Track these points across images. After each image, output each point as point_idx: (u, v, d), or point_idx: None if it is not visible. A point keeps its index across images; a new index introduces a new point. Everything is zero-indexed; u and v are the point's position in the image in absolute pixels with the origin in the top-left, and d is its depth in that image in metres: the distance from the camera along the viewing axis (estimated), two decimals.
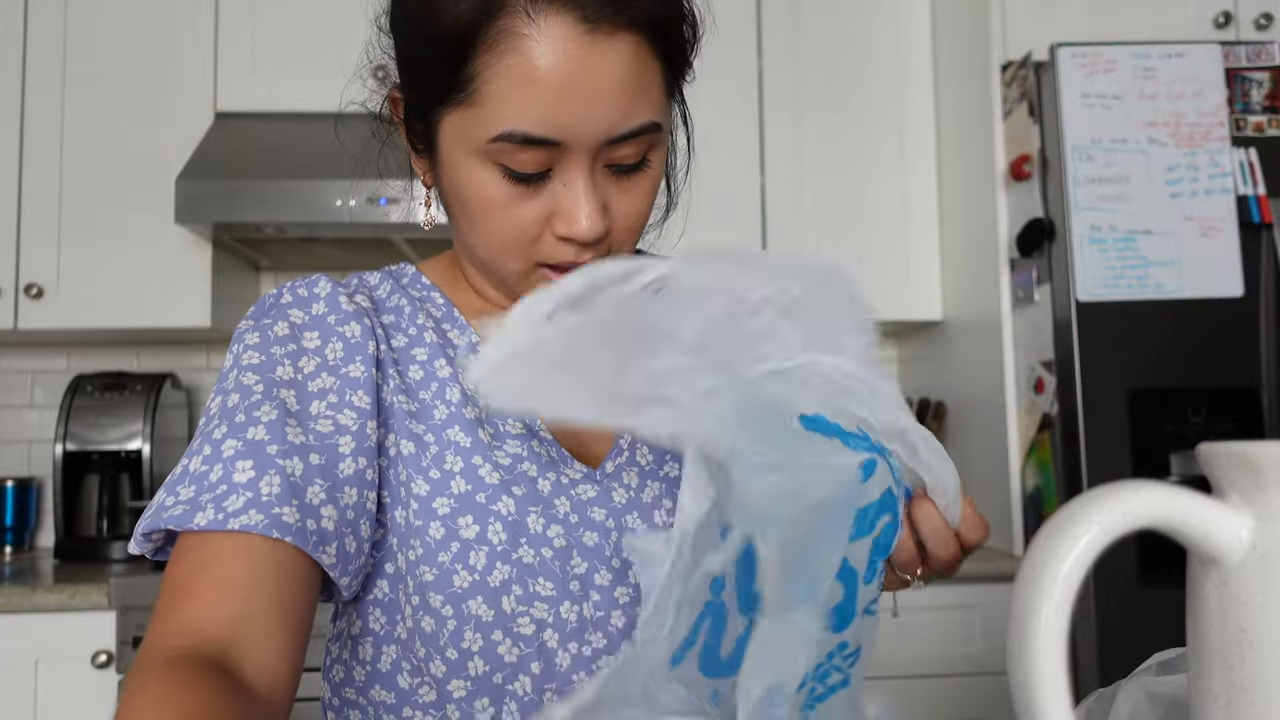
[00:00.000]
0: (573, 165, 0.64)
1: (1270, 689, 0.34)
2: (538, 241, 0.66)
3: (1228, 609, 0.36)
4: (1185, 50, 1.80)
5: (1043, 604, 0.34)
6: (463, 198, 0.67)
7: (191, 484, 0.62)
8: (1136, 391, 1.74)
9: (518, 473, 0.69)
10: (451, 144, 0.65)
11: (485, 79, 0.61)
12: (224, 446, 0.62)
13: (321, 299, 0.71)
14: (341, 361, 0.69)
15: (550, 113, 0.61)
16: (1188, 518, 0.36)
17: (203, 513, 0.60)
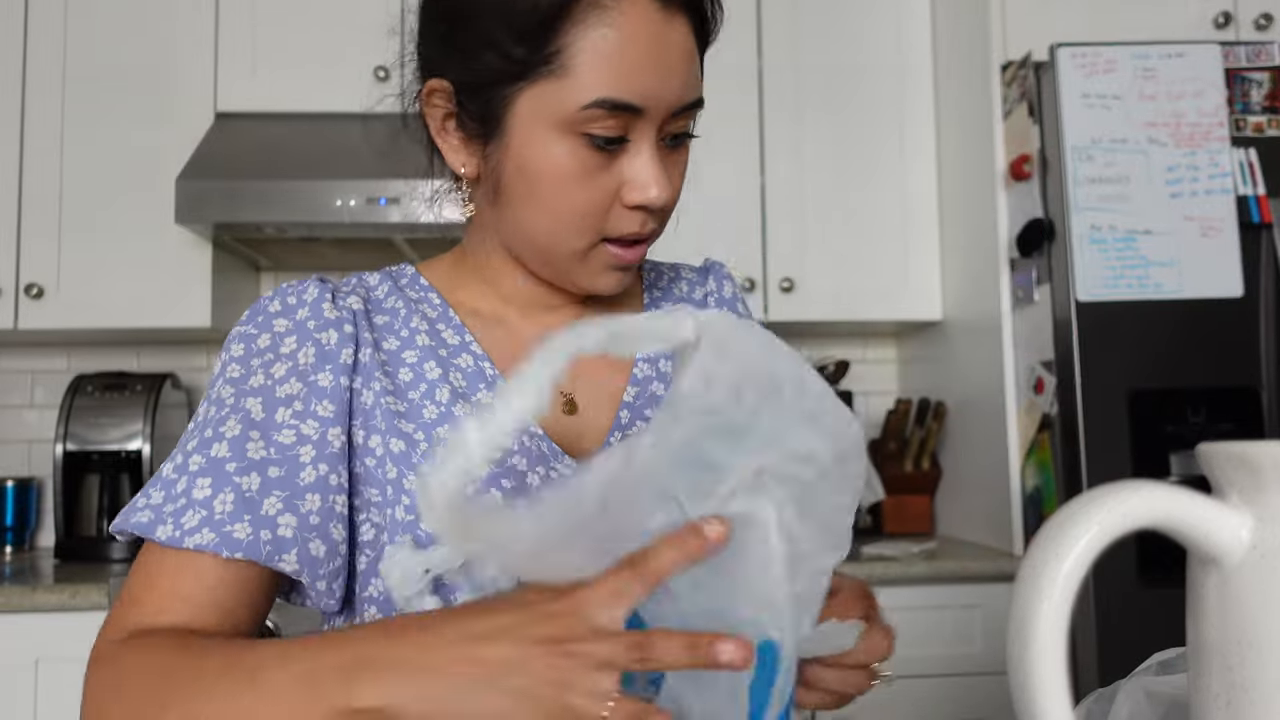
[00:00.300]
0: (643, 135, 0.69)
1: (1270, 689, 0.34)
2: (607, 213, 0.70)
3: (1228, 609, 0.36)
4: (1185, 50, 1.80)
5: (1043, 604, 0.34)
6: (534, 173, 0.69)
7: (161, 489, 0.67)
8: (1136, 391, 1.74)
9: (507, 466, 0.70)
10: (528, 119, 0.68)
11: (574, 51, 0.66)
12: (191, 460, 0.67)
13: (307, 304, 0.74)
14: (312, 368, 0.71)
15: (636, 80, 0.66)
16: (1188, 518, 0.36)
17: (163, 526, 0.65)
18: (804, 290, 2.24)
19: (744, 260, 2.24)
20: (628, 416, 0.78)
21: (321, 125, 2.16)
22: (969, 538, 2.16)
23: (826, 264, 2.26)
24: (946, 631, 1.88)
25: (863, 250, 2.26)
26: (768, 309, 2.24)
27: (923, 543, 2.06)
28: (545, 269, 0.76)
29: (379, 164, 2.04)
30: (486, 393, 0.75)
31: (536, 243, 0.73)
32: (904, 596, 1.86)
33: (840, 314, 2.26)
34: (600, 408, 0.78)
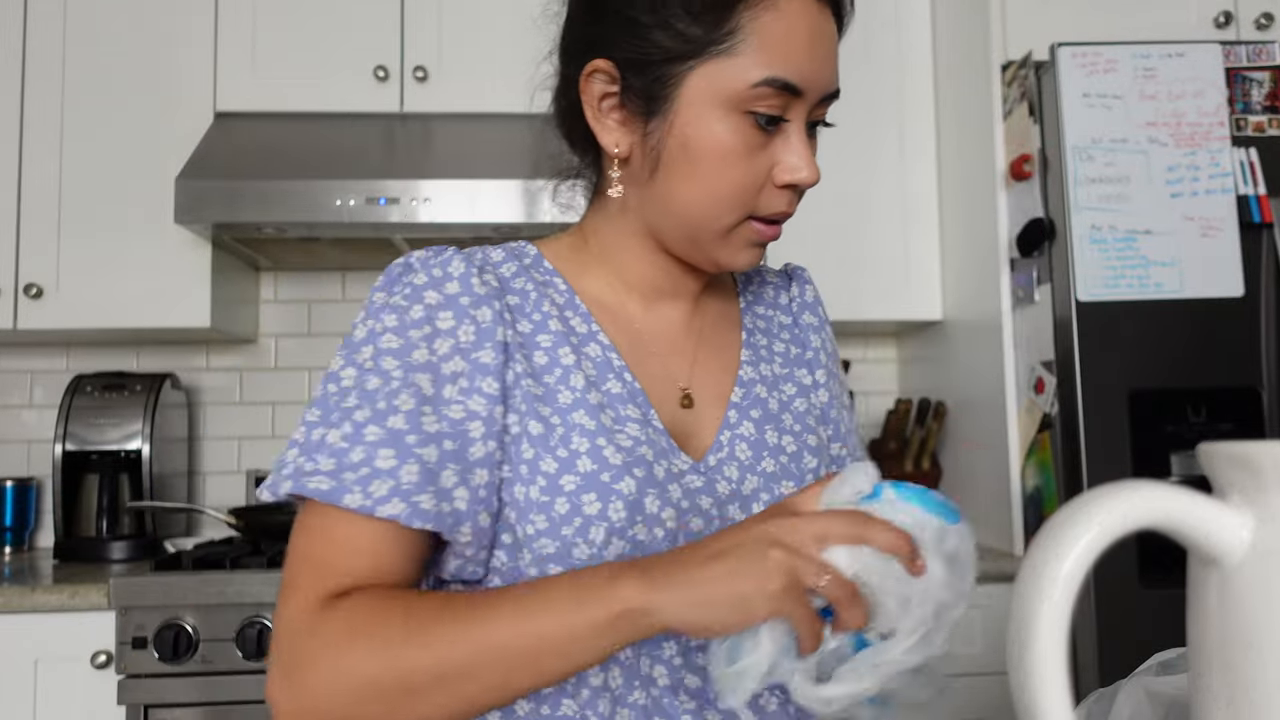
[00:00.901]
0: (797, 117, 0.73)
1: (1270, 689, 0.34)
2: (759, 192, 0.74)
3: (1228, 609, 0.36)
4: (1185, 50, 1.80)
5: (1043, 604, 0.34)
6: (698, 149, 0.72)
7: (331, 457, 0.67)
8: (1136, 391, 1.74)
9: (637, 456, 0.73)
10: (697, 97, 0.72)
11: (748, 32, 0.70)
12: (366, 431, 0.68)
13: (455, 278, 0.74)
14: (473, 346, 0.72)
15: (803, 63, 0.71)
16: (1188, 518, 0.36)
17: (351, 495, 0.66)
18: None
19: None
20: (735, 416, 0.81)
21: (321, 125, 2.16)
22: None
23: (827, 263, 2.25)
24: None
25: (863, 250, 2.26)
26: None
27: None
28: (688, 246, 0.77)
29: (379, 164, 2.04)
30: (615, 382, 0.76)
31: (688, 218, 0.75)
32: None
33: (840, 313, 2.25)
34: (712, 405, 0.81)
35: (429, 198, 1.98)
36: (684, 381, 0.81)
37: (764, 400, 0.82)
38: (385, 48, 2.19)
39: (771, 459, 0.79)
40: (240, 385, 2.47)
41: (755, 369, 0.84)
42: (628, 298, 0.81)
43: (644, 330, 0.81)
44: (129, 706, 1.68)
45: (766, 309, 0.90)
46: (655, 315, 0.82)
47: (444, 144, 2.12)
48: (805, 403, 0.85)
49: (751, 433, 0.80)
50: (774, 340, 0.88)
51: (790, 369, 0.87)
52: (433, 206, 1.98)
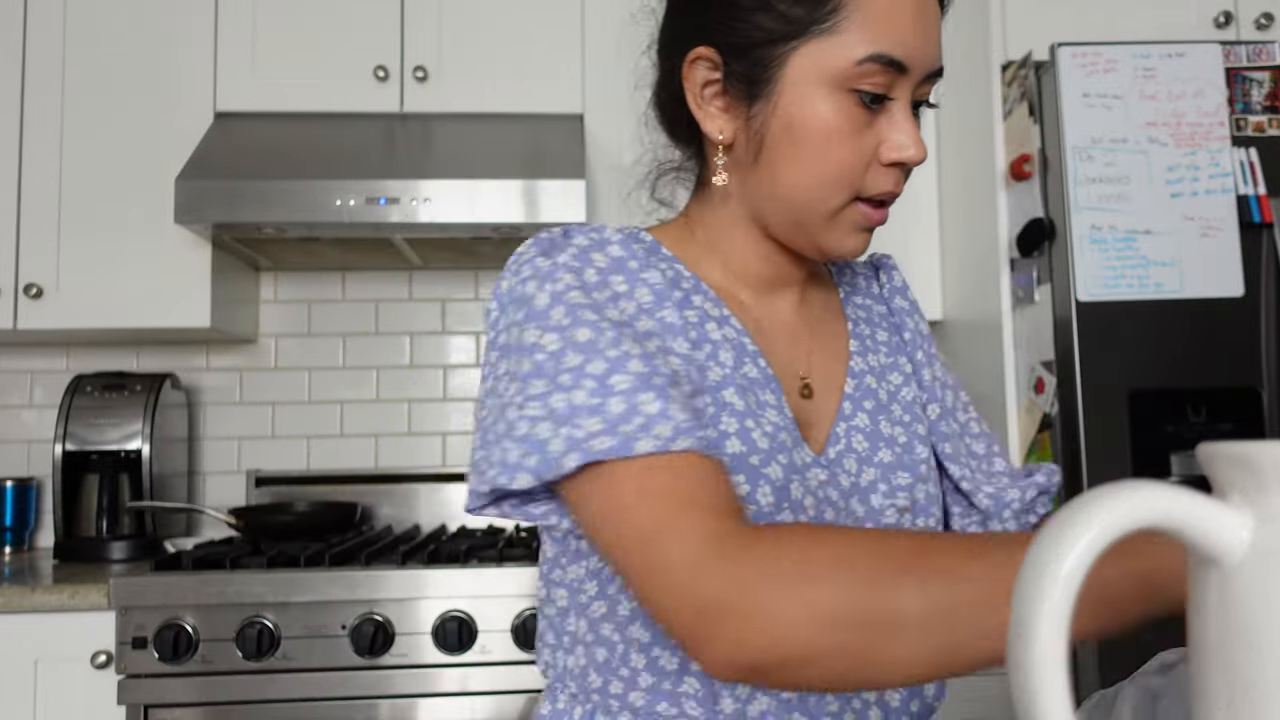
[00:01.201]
0: (903, 95, 0.72)
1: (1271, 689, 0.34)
2: (865, 172, 0.72)
3: (1228, 609, 0.36)
4: (1185, 50, 1.80)
5: (1043, 604, 0.34)
6: (802, 130, 0.71)
7: (593, 415, 0.62)
8: (1136, 391, 1.74)
9: (779, 441, 0.72)
10: (800, 77, 0.71)
11: (851, 9, 0.70)
12: (612, 381, 0.63)
13: (614, 243, 0.73)
14: (654, 306, 0.70)
15: (908, 39, 0.71)
16: (1188, 518, 0.36)
17: (640, 442, 0.60)
18: None
19: None
20: (850, 408, 0.80)
21: (321, 125, 2.16)
22: None
23: None
24: None
25: None
26: None
27: None
28: (794, 232, 0.76)
29: (379, 164, 2.04)
30: (751, 367, 0.75)
31: (794, 202, 0.74)
32: None
33: None
34: (828, 396, 0.80)
35: (429, 198, 1.98)
36: (803, 371, 0.80)
37: (874, 391, 0.82)
38: (385, 48, 2.19)
39: (887, 449, 0.79)
40: (240, 385, 2.47)
41: (864, 359, 0.83)
42: (739, 287, 0.81)
43: (761, 319, 0.80)
44: (129, 706, 1.69)
45: (863, 299, 0.89)
46: (767, 305, 0.81)
47: (444, 144, 2.12)
48: (911, 391, 0.85)
49: (866, 424, 0.80)
50: (876, 330, 0.87)
51: (894, 357, 0.86)
52: (433, 206, 1.98)
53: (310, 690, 1.71)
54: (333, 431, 2.47)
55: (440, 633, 1.72)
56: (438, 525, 2.38)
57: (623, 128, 2.18)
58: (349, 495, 2.37)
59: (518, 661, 1.75)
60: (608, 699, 0.73)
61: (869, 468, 0.77)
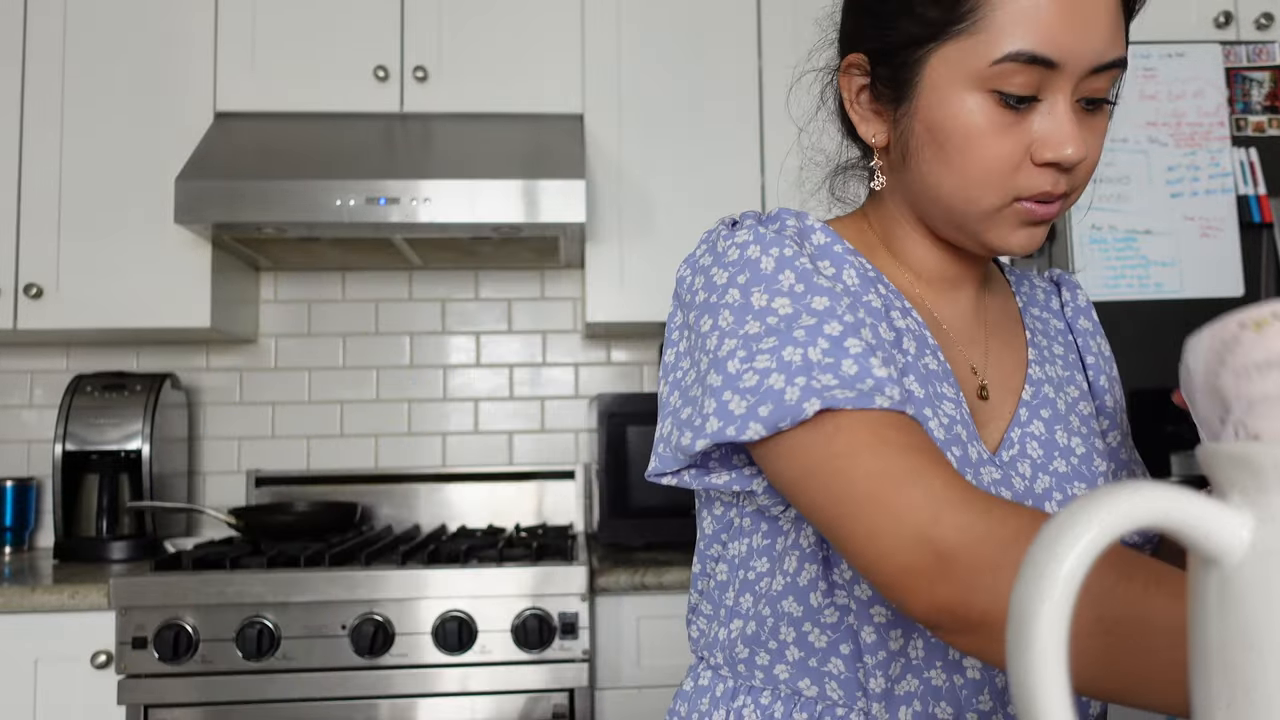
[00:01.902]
0: (1058, 92, 0.69)
1: (1271, 689, 0.34)
2: (1017, 171, 0.70)
3: (1228, 609, 0.36)
4: (1185, 50, 1.80)
5: (1043, 604, 0.34)
6: (945, 131, 0.71)
7: (825, 371, 0.64)
8: (1136, 391, 1.74)
9: (954, 434, 0.71)
10: (942, 78, 0.70)
11: (989, 8, 0.68)
12: (847, 344, 0.65)
13: (818, 229, 0.75)
14: (861, 290, 0.73)
15: (1053, 33, 0.67)
16: (1188, 518, 0.36)
17: (880, 396, 0.63)
18: None
19: None
20: (1026, 414, 0.79)
21: (321, 125, 2.16)
22: None
23: None
24: None
25: None
26: None
27: None
28: (955, 231, 0.76)
29: (379, 164, 2.04)
30: (932, 359, 0.75)
31: (946, 203, 0.73)
32: None
33: None
34: (1005, 400, 0.79)
35: (429, 198, 1.98)
36: (980, 371, 0.79)
37: (1052, 400, 0.81)
38: (385, 48, 2.19)
39: (1063, 459, 0.77)
40: (240, 385, 2.47)
41: (1042, 368, 0.82)
42: (915, 283, 0.80)
43: (939, 316, 0.80)
44: (129, 706, 1.69)
45: (1041, 311, 0.88)
46: (946, 301, 0.81)
47: (444, 144, 2.12)
48: (1090, 407, 0.83)
49: (1042, 432, 0.78)
50: (1053, 343, 0.86)
51: (1071, 372, 0.85)
52: (433, 206, 1.98)
53: (310, 690, 1.71)
54: (333, 431, 2.47)
55: (440, 633, 1.72)
56: (438, 525, 2.38)
57: (623, 127, 2.18)
58: (349, 495, 2.37)
59: (518, 661, 1.75)
60: (753, 670, 0.76)
61: (1044, 474, 0.76)
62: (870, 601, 0.70)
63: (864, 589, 0.70)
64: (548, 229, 2.07)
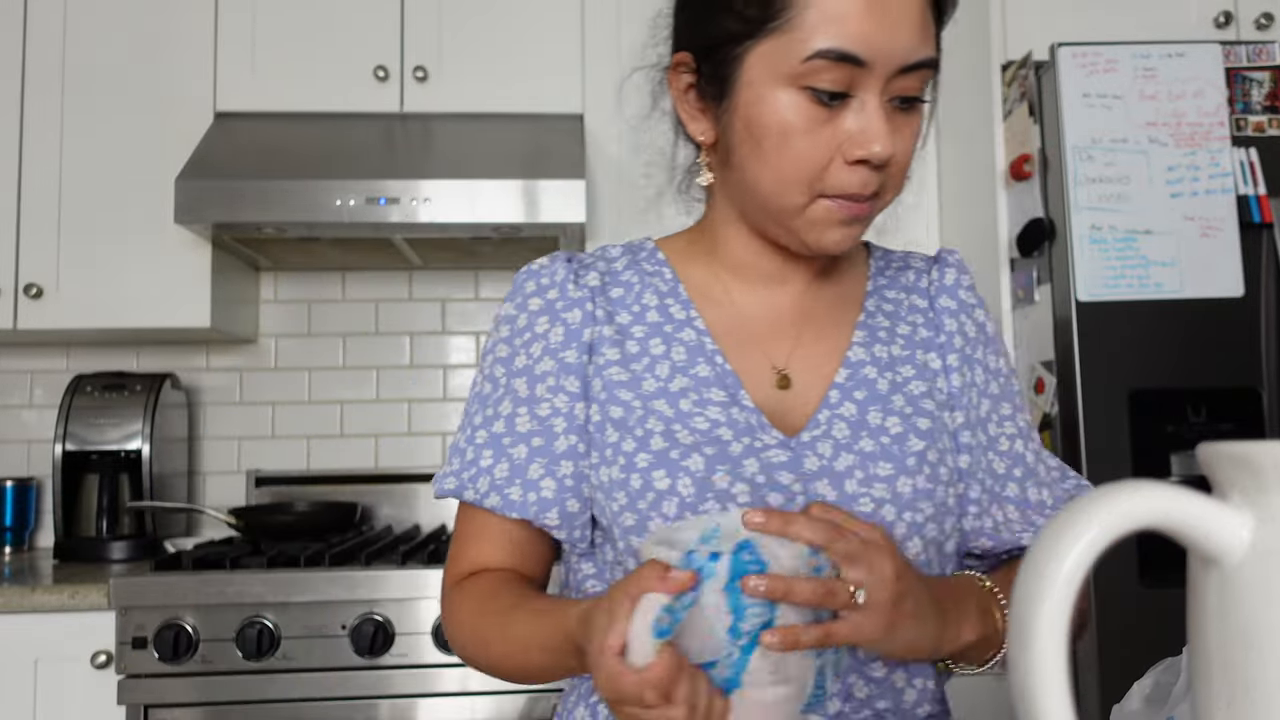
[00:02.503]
0: (868, 90, 0.71)
1: (1271, 689, 0.34)
2: (826, 170, 0.73)
3: (1228, 609, 0.36)
4: (1186, 50, 1.80)
5: (1043, 604, 0.34)
6: (760, 127, 0.73)
7: (457, 458, 0.83)
8: (1136, 391, 1.74)
9: (712, 436, 0.76)
10: (758, 75, 0.73)
11: (801, 6, 0.70)
12: (477, 434, 0.82)
13: (556, 284, 0.83)
14: (561, 346, 0.81)
15: (861, 32, 0.69)
16: (1188, 518, 0.36)
17: (469, 491, 0.81)
18: None
19: None
20: (837, 396, 0.81)
21: (321, 125, 2.16)
22: None
23: None
24: None
25: None
26: None
27: None
28: (773, 227, 0.79)
29: (379, 164, 2.04)
30: (705, 366, 0.80)
31: (761, 199, 0.76)
32: None
33: None
34: (813, 386, 0.82)
35: (429, 198, 1.98)
36: (781, 363, 0.82)
37: (872, 381, 0.82)
38: (385, 48, 2.19)
39: (871, 439, 0.78)
40: (240, 385, 2.47)
41: (868, 350, 0.83)
42: (732, 283, 0.84)
43: (746, 314, 0.83)
44: (129, 706, 1.69)
45: (900, 292, 0.88)
46: (758, 299, 0.84)
47: (444, 144, 2.12)
48: (925, 385, 0.83)
49: (853, 413, 0.80)
50: (899, 323, 0.86)
51: (913, 351, 0.85)
52: (433, 206, 1.98)
53: (310, 690, 1.71)
54: (333, 431, 2.47)
55: (440, 633, 1.72)
56: (438, 525, 2.38)
57: (623, 127, 2.18)
58: (349, 495, 2.37)
59: None
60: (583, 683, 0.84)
61: (847, 454, 0.77)
62: None
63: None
64: (548, 229, 2.07)
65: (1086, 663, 1.72)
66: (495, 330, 0.85)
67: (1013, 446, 0.85)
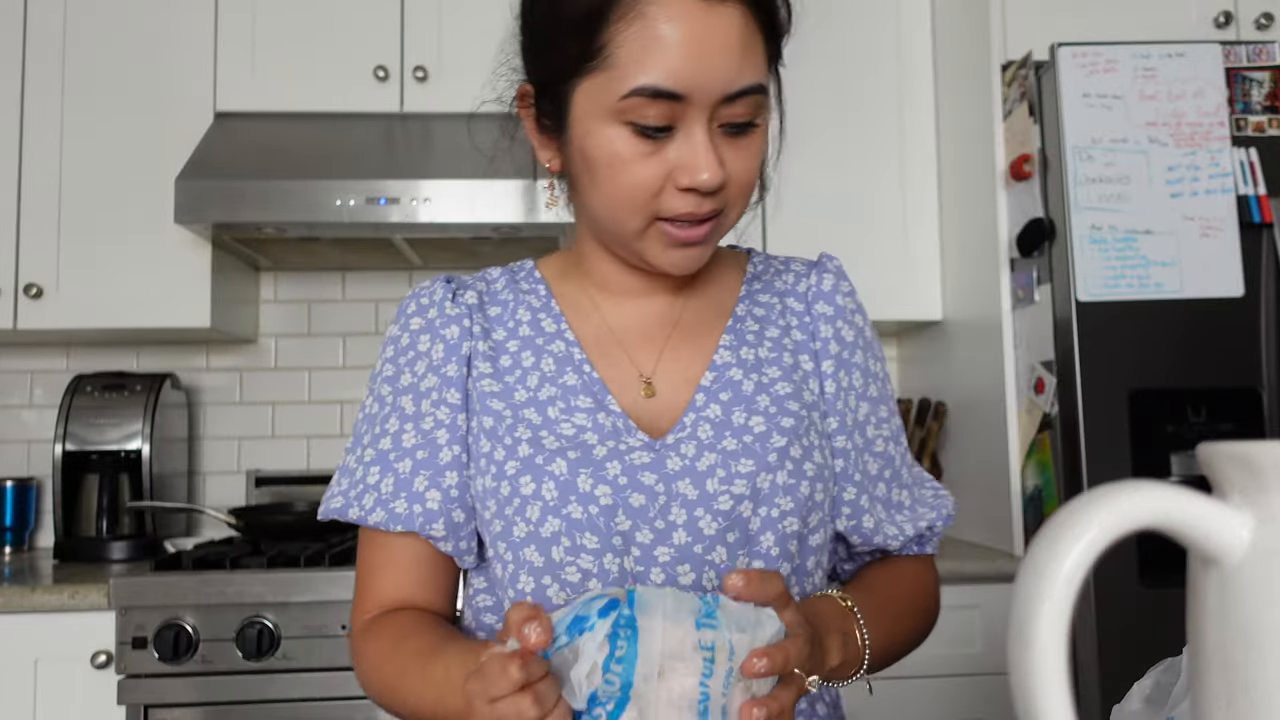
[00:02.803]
0: (693, 121, 0.73)
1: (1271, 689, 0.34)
2: (659, 195, 0.75)
3: (1228, 609, 0.36)
4: (1185, 50, 1.80)
5: (1043, 604, 0.34)
6: (591, 159, 0.76)
7: (345, 478, 0.85)
8: (1136, 391, 1.74)
9: (577, 441, 0.79)
10: (584, 111, 0.75)
11: (617, 44, 0.72)
12: (365, 452, 0.84)
13: (436, 304, 0.86)
14: (442, 361, 0.84)
15: (676, 68, 0.71)
16: (1188, 518, 0.36)
17: (353, 509, 0.83)
18: None
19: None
20: (703, 399, 0.83)
21: (321, 125, 2.16)
22: (969, 538, 2.16)
23: None
24: (946, 632, 1.88)
25: (863, 250, 2.26)
26: None
27: None
28: (619, 249, 0.82)
29: (379, 164, 2.04)
30: (573, 376, 0.83)
31: (601, 225, 0.80)
32: None
33: None
34: (678, 391, 0.84)
35: (429, 198, 1.98)
36: (648, 371, 0.85)
37: (738, 383, 0.84)
38: (385, 48, 2.19)
39: (734, 438, 0.80)
40: (240, 385, 2.47)
41: (734, 353, 0.86)
42: (600, 298, 0.88)
43: (615, 326, 0.86)
44: (129, 706, 1.69)
45: (774, 297, 0.90)
46: (625, 312, 0.87)
47: (444, 144, 2.12)
48: (791, 386, 0.85)
49: (718, 414, 0.82)
50: (769, 326, 0.88)
51: (780, 353, 0.87)
52: (433, 206, 1.98)
53: (310, 690, 1.71)
54: (333, 431, 2.47)
55: None
56: None
57: None
58: None
59: None
60: None
61: (710, 453, 0.79)
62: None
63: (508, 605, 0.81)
64: (547, 229, 2.07)
65: (1086, 663, 1.72)
66: (382, 352, 0.87)
67: (886, 448, 0.90)
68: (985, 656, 1.86)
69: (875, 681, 1.87)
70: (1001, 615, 1.86)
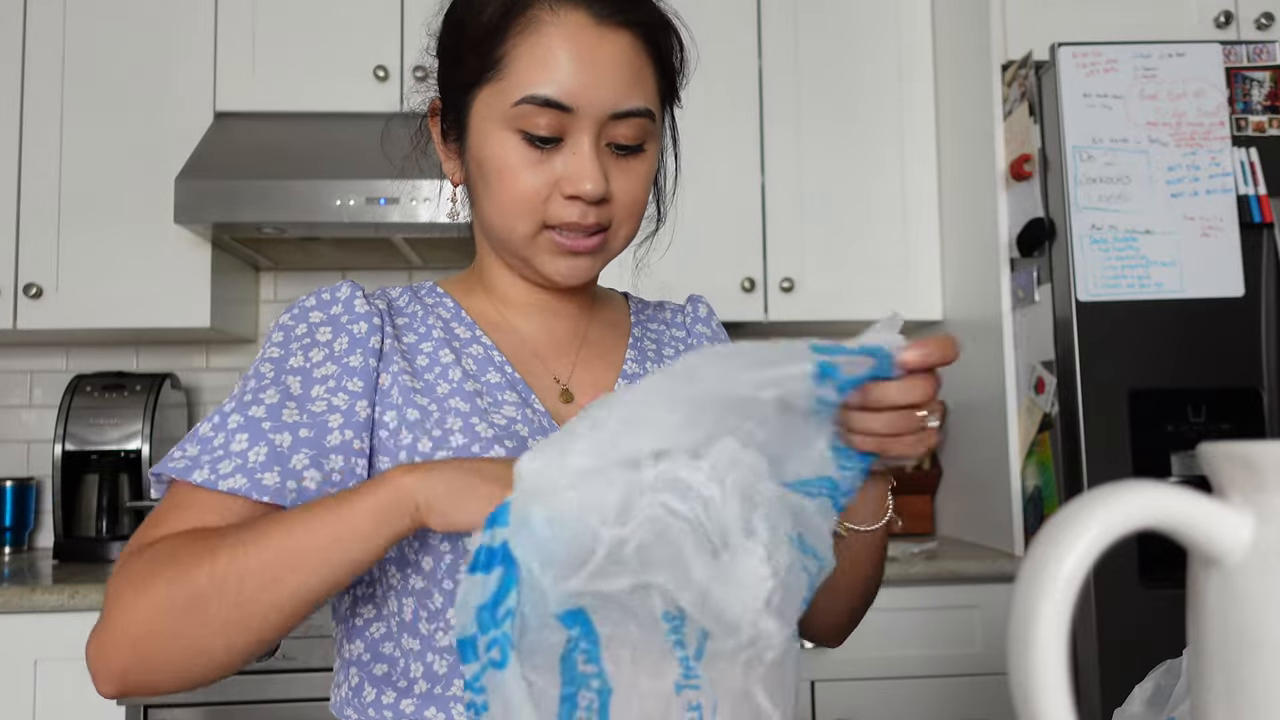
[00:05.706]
0: (581, 134, 0.77)
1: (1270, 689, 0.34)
2: (546, 203, 0.78)
3: (1228, 609, 0.36)
4: (1186, 50, 1.80)
5: (1043, 604, 0.34)
6: (485, 167, 0.79)
7: (197, 444, 0.75)
8: (1136, 391, 1.74)
9: (510, 431, 0.79)
10: (480, 119, 0.79)
11: (513, 57, 0.76)
12: (230, 419, 0.76)
13: (340, 301, 0.84)
14: (345, 352, 0.81)
15: (565, 81, 0.75)
16: (1188, 518, 0.36)
17: (199, 471, 0.73)
18: (804, 290, 2.24)
19: (744, 260, 2.24)
20: None
21: (321, 125, 2.16)
22: (969, 538, 2.16)
23: (827, 264, 2.26)
24: (946, 632, 1.88)
25: (863, 250, 2.26)
26: (768, 309, 2.23)
27: (923, 543, 2.06)
28: (511, 259, 0.84)
29: (379, 164, 2.04)
30: (496, 374, 0.83)
31: (494, 231, 0.82)
32: (904, 597, 1.86)
33: (840, 314, 2.26)
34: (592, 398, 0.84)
35: (429, 198, 1.98)
36: (564, 379, 0.88)
37: None
38: (385, 48, 2.19)
39: None
40: None
41: (640, 366, 0.91)
42: (509, 312, 0.89)
43: (528, 337, 0.88)
44: (129, 706, 1.69)
45: (660, 326, 0.98)
46: (536, 325, 0.89)
47: None
48: None
49: None
50: (664, 347, 0.95)
51: None
52: (433, 206, 1.98)
53: (310, 690, 1.71)
54: None
55: None
56: None
57: None
58: None
59: None
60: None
61: None
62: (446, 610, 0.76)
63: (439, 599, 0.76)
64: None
65: (1086, 663, 1.72)
66: (267, 340, 0.83)
67: None
68: (985, 656, 1.86)
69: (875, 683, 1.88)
70: (1001, 615, 1.86)
